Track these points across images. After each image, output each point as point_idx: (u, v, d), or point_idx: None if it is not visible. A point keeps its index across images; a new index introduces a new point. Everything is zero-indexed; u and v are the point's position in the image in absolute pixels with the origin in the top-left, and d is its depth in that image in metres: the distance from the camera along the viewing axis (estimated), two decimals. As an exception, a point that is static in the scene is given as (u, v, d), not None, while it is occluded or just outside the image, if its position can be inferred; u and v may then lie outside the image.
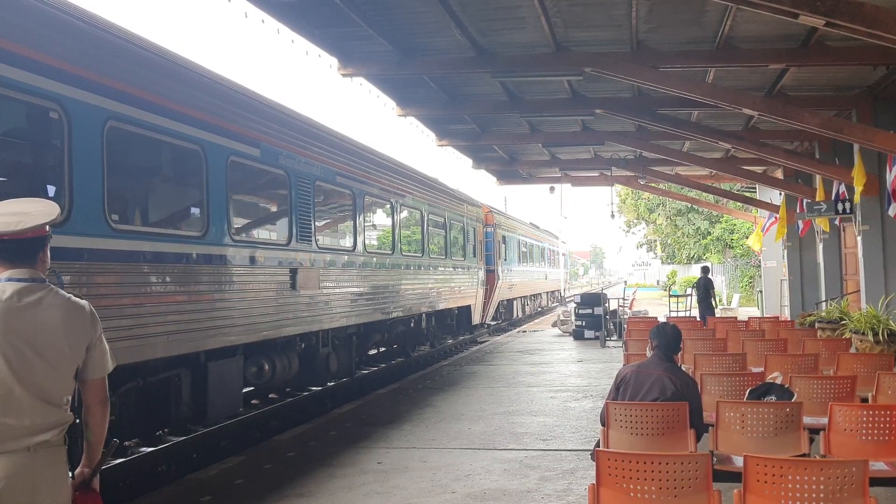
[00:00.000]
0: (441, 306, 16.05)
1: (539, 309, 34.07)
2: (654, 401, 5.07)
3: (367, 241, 11.65)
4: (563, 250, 44.55)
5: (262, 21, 9.11)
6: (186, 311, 6.88)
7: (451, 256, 16.74)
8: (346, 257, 10.76)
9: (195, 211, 7.55)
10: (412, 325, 14.89)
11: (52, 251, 2.94)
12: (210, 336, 7.27)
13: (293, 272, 8.95)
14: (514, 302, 26.82)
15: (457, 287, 17.31)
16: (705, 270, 21.08)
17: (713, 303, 20.08)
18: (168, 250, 6.76)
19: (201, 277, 7.21)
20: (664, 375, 5.12)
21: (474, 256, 19.06)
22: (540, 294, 33.82)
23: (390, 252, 12.74)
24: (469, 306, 18.68)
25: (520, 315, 28.18)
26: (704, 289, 19.85)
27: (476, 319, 19.66)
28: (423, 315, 15.21)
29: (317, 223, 9.68)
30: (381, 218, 12.89)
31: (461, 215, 17.79)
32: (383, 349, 15.48)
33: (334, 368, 10.79)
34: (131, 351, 6.12)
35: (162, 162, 7.52)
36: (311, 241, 9.48)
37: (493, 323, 23.84)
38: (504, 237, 23.63)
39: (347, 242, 11.17)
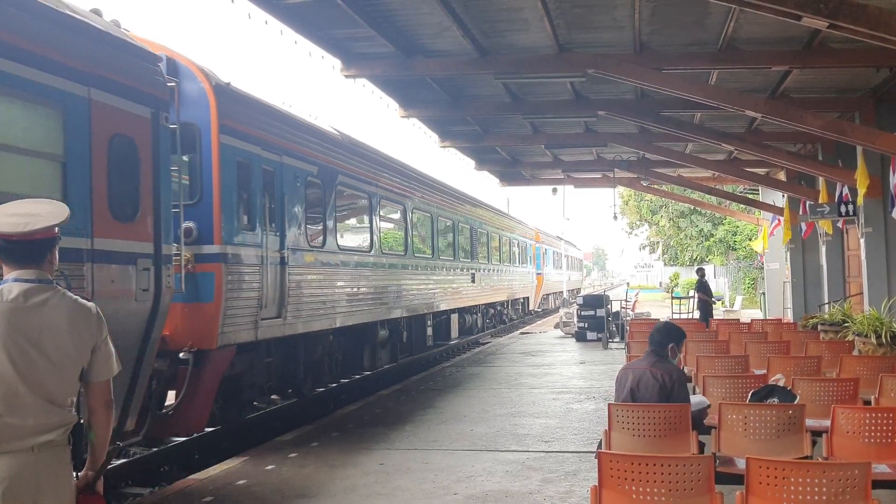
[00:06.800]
0: (516, 296, 27.01)
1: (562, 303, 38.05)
2: (642, 396, 5.10)
3: (491, 256, 21.87)
4: (580, 256, 57.13)
5: (266, 22, 9.14)
6: (449, 295, 16.78)
7: (520, 264, 27.42)
8: (485, 265, 20.82)
9: (453, 246, 17.60)
10: (501, 307, 25.12)
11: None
12: (450, 304, 16.83)
13: (473, 275, 19.08)
14: (550, 296, 37.69)
15: (522, 284, 27.94)
16: (700, 273, 20.98)
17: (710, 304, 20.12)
18: (451, 267, 17.09)
19: (458, 278, 17.37)
20: (648, 370, 5.18)
21: (530, 264, 29.87)
22: (563, 291, 41.83)
23: (499, 262, 23.02)
24: (528, 297, 29.90)
25: (552, 306, 37.74)
26: (698, 291, 19.92)
27: (531, 306, 31.08)
28: (508, 301, 25.70)
29: (477, 249, 19.92)
30: (494, 243, 22.68)
31: (524, 237, 29.00)
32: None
33: (480, 326, 21.55)
34: (435, 305, 15.58)
35: (442, 229, 16.96)
36: (477, 258, 19.75)
37: (539, 310, 34.07)
38: (545, 249, 34.24)
39: (484, 257, 20.89)
